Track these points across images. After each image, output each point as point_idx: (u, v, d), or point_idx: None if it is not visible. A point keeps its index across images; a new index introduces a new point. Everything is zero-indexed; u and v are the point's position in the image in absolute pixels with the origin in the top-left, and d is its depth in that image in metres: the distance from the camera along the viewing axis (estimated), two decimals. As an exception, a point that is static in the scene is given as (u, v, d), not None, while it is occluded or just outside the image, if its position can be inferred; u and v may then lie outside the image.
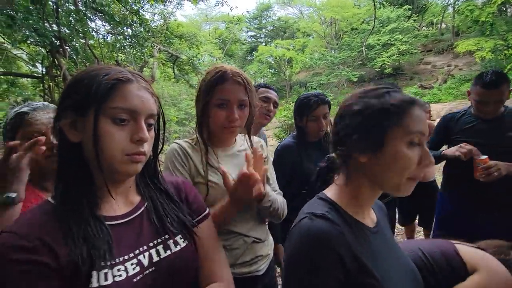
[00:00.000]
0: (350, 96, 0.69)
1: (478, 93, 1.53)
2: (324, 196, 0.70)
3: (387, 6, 20.39)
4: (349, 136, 0.63)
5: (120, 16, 6.22)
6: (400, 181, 0.61)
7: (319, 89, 20.90)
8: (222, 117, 0.93)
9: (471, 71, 16.24)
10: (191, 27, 19.71)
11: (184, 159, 0.95)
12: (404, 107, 0.60)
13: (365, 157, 0.62)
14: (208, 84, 0.92)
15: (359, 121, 0.62)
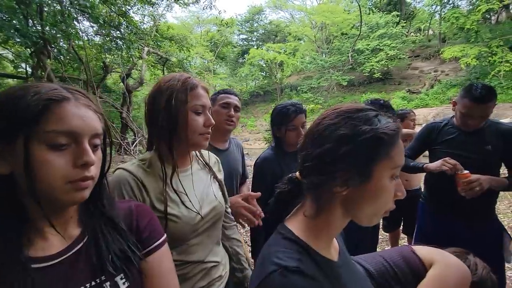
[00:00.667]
0: (331, 112, 0.58)
1: (465, 105, 1.51)
2: (290, 234, 0.59)
3: (376, 12, 20.81)
4: (332, 164, 0.53)
5: (108, 18, 6.12)
6: (377, 215, 0.57)
7: (309, 93, 21.12)
8: (200, 123, 0.87)
9: (457, 77, 16.70)
10: (182, 29, 19.61)
11: (137, 192, 0.80)
12: (394, 138, 0.54)
13: (347, 190, 0.54)
14: (182, 90, 0.84)
15: (347, 149, 0.52)
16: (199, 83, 0.89)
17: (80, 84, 6.94)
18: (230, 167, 1.48)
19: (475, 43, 15.04)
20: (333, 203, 0.57)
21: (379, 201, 0.55)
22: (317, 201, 0.59)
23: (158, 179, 0.84)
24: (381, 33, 18.85)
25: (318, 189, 0.58)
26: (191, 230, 0.85)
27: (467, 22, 15.06)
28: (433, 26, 22.49)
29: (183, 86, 0.84)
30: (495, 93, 1.48)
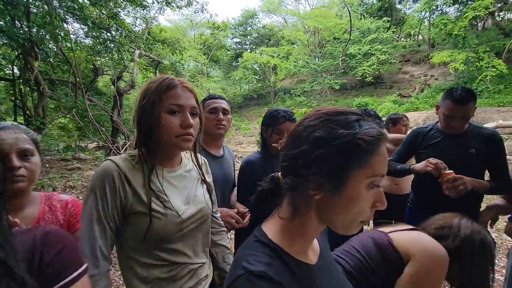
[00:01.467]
0: (313, 114, 0.57)
1: (447, 107, 1.57)
2: (263, 237, 0.58)
3: (368, 17, 21.20)
4: (306, 166, 0.52)
5: (98, 20, 6.04)
6: (352, 224, 0.54)
7: (303, 96, 21.28)
8: (176, 124, 0.84)
9: (446, 81, 17.09)
10: (175, 32, 19.56)
11: (118, 184, 0.80)
12: (374, 144, 0.51)
13: (320, 194, 0.53)
14: (156, 91, 0.83)
15: (321, 152, 0.51)
16: (181, 83, 0.86)
17: (69, 87, 6.81)
18: (226, 174, 1.50)
19: (463, 48, 15.46)
20: (308, 207, 0.56)
21: (353, 210, 0.53)
22: (293, 204, 0.58)
23: (143, 174, 0.84)
24: (372, 38, 19.20)
25: (294, 191, 0.56)
26: (175, 229, 0.84)
27: (455, 28, 15.48)
28: (422, 31, 23.03)
29: (158, 87, 0.83)
30: (474, 95, 1.54)
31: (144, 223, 0.80)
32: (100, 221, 0.78)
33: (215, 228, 1.11)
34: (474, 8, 14.61)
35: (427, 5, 17.34)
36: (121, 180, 0.80)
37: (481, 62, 14.47)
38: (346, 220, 0.54)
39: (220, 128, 1.45)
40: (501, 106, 13.26)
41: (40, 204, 0.97)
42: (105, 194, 0.79)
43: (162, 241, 0.83)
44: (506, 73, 13.91)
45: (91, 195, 0.79)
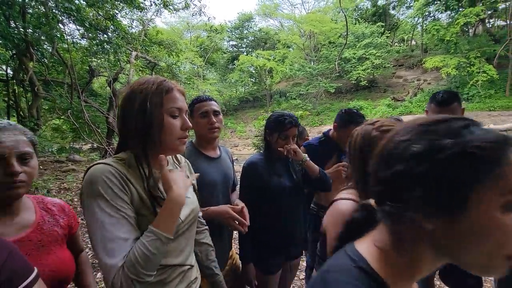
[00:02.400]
0: (404, 127, 0.48)
1: (433, 110, 1.64)
2: (364, 264, 0.47)
3: (362, 22, 21.52)
4: (406, 190, 0.43)
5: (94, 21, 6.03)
6: (493, 262, 0.41)
7: (298, 99, 21.41)
8: (178, 127, 0.84)
9: (438, 86, 17.40)
10: (171, 34, 19.56)
11: (123, 183, 0.74)
12: (499, 152, 0.40)
13: (433, 223, 0.42)
14: (156, 93, 0.81)
15: (424, 170, 0.42)
16: (175, 86, 0.87)
17: (64, 88, 6.76)
18: (225, 174, 1.48)
19: (455, 54, 15.78)
20: (418, 238, 0.45)
21: (487, 241, 0.40)
22: (396, 234, 0.48)
23: (140, 177, 0.80)
24: (367, 43, 19.47)
25: (394, 219, 0.47)
26: (174, 232, 0.82)
27: (447, 34, 15.81)
28: (415, 37, 23.46)
29: (158, 89, 0.82)
30: (457, 97, 1.59)
31: (144, 227, 0.74)
32: (123, 220, 0.71)
33: (198, 227, 1.12)
34: (465, 15, 14.96)
35: (420, 11, 17.68)
36: (123, 179, 0.75)
37: (473, 67, 14.79)
38: (479, 256, 0.42)
39: (214, 131, 1.42)
40: (492, 110, 13.55)
41: (34, 208, 0.92)
42: (114, 192, 0.72)
43: None
44: (496, 79, 14.23)
45: (97, 200, 0.70)
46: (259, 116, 11.21)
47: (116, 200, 0.72)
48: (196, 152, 1.43)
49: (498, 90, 14.85)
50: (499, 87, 14.86)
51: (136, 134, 0.80)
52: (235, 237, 3.65)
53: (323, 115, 19.76)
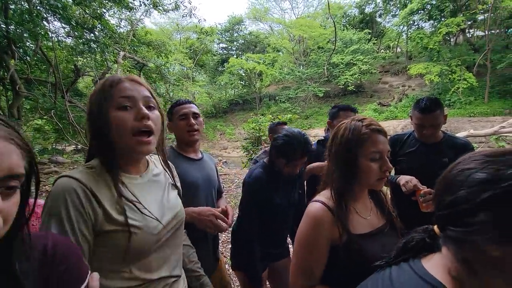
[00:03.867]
0: (468, 157, 0.50)
1: (416, 117, 1.67)
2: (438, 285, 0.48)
3: (350, 29, 22.01)
4: (469, 214, 0.45)
5: (81, 20, 5.89)
6: None
7: (287, 103, 21.57)
8: (129, 118, 0.72)
9: (422, 92, 17.99)
10: (161, 35, 19.34)
11: (85, 203, 0.67)
12: None
13: (499, 250, 0.42)
14: (100, 90, 0.73)
15: (488, 197, 0.43)
16: (127, 77, 0.77)
17: (48, 87, 6.54)
18: (208, 175, 1.46)
19: (437, 61, 16.39)
20: (488, 267, 0.45)
21: None
22: (464, 261, 0.48)
23: (109, 185, 0.72)
24: (354, 49, 19.91)
25: (460, 244, 0.48)
26: (154, 240, 0.76)
27: (430, 42, 16.41)
28: (400, 44, 24.19)
29: (102, 86, 0.75)
30: (440, 104, 1.63)
31: (118, 241, 0.69)
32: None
33: None
34: (447, 25, 15.59)
35: (405, 20, 18.28)
36: (87, 197, 0.68)
37: (454, 75, 15.40)
38: None
39: (193, 134, 1.40)
40: (472, 116, 14.12)
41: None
42: (70, 215, 0.65)
43: (138, 256, 0.73)
44: (476, 86, 14.86)
45: (53, 221, 0.64)
46: (249, 118, 11.20)
47: (70, 224, 0.65)
48: (176, 154, 1.40)
49: (477, 97, 15.51)
50: (479, 94, 15.53)
51: (93, 138, 0.75)
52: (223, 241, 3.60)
53: (311, 118, 20.00)
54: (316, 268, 0.88)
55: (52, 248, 0.51)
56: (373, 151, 0.89)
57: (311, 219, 0.89)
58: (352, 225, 0.89)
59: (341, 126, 0.96)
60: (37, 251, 0.49)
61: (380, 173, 0.90)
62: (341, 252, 0.85)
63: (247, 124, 10.31)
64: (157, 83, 11.48)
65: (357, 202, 0.95)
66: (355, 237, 0.86)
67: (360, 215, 0.94)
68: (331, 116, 1.99)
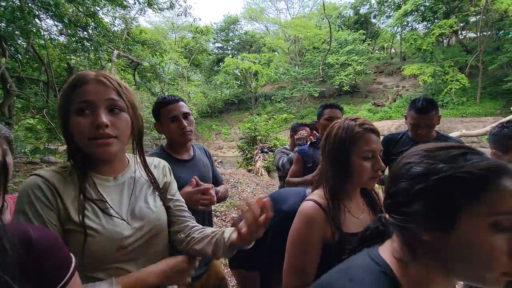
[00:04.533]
0: (411, 152, 0.55)
1: (412, 117, 1.69)
2: (385, 267, 0.52)
3: (345, 29, 22.17)
4: (406, 204, 0.49)
5: (74, 17, 5.81)
6: (486, 275, 0.45)
7: (283, 102, 21.61)
8: (85, 125, 0.69)
9: (415, 92, 18.21)
10: (155, 34, 19.20)
11: (51, 198, 0.67)
12: (487, 178, 0.44)
13: (428, 235, 0.48)
14: (65, 91, 0.71)
15: (419, 188, 0.48)
16: (96, 76, 0.72)
17: (40, 86, 6.44)
18: (201, 173, 1.42)
19: (431, 62, 16.62)
20: (426, 251, 0.50)
21: (478, 258, 0.44)
22: (407, 245, 0.53)
23: (77, 188, 0.71)
24: (349, 49, 20.07)
25: (402, 230, 0.53)
26: (116, 247, 0.71)
27: (423, 44, 16.63)
28: (394, 45, 24.47)
29: (67, 87, 0.71)
30: (435, 104, 1.66)
31: (77, 242, 0.67)
32: None
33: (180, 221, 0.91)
34: (440, 26, 15.82)
35: (399, 21, 18.49)
36: (52, 192, 0.68)
37: (447, 76, 15.64)
38: (472, 269, 0.46)
39: (186, 136, 1.35)
40: (464, 116, 14.36)
41: (10, 208, 0.89)
42: (37, 210, 0.65)
43: (100, 263, 0.70)
44: (468, 87, 15.11)
45: (20, 217, 0.64)
46: (244, 118, 11.20)
47: (37, 218, 0.65)
48: (166, 157, 1.33)
49: (469, 98, 15.77)
50: (471, 95, 15.79)
51: (67, 143, 0.74)
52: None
53: (307, 118, 20.09)
54: (309, 267, 0.88)
55: (37, 240, 0.50)
56: (365, 149, 0.91)
57: (304, 218, 0.90)
58: (344, 224, 0.90)
59: (335, 126, 0.97)
60: (18, 243, 0.48)
61: (372, 172, 0.92)
62: (333, 250, 0.85)
63: (243, 124, 10.30)
64: (152, 82, 11.39)
65: (350, 202, 0.96)
66: (347, 236, 0.87)
67: (353, 214, 0.95)
68: (318, 115, 2.05)
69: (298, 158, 2.07)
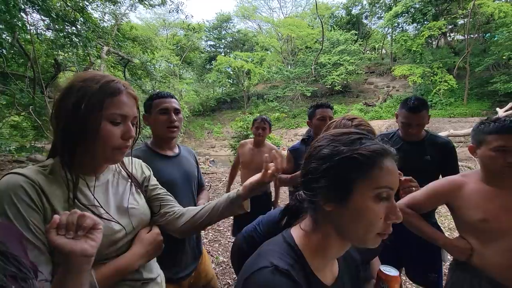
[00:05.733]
0: (322, 136, 0.64)
1: (403, 116, 1.71)
2: (290, 240, 0.62)
3: (337, 29, 22.35)
4: (315, 181, 0.58)
5: (62, 12, 5.64)
6: (367, 236, 0.56)
7: (275, 102, 21.64)
8: (117, 135, 0.72)
9: (406, 93, 18.54)
10: (147, 30, 18.89)
11: (36, 198, 0.64)
12: (374, 159, 0.55)
13: (331, 206, 0.57)
14: (98, 94, 0.70)
15: (325, 167, 0.57)
16: (126, 89, 0.75)
17: (26, 82, 6.24)
18: (186, 172, 1.40)
19: (420, 63, 16.93)
20: (327, 220, 0.60)
21: (363, 221, 0.55)
22: (313, 217, 0.63)
23: (63, 186, 0.69)
24: (341, 49, 20.24)
25: (311, 204, 0.62)
26: (107, 244, 0.72)
27: (413, 45, 16.93)
28: (385, 46, 24.80)
29: (100, 90, 0.70)
30: (426, 104, 1.69)
31: None
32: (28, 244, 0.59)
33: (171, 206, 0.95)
34: (429, 28, 16.13)
35: (389, 22, 18.75)
36: (37, 193, 0.64)
37: (435, 77, 15.97)
38: (358, 231, 0.56)
39: (173, 131, 1.33)
40: (452, 117, 14.70)
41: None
42: (19, 212, 0.61)
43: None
44: (456, 88, 15.47)
45: (1, 218, 0.60)
46: (237, 117, 11.16)
47: (19, 220, 0.61)
48: (151, 153, 1.33)
49: (457, 99, 16.15)
50: (458, 96, 16.18)
51: (65, 138, 0.70)
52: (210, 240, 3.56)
53: (299, 117, 20.19)
54: None
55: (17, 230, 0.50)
56: None
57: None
58: None
59: (331, 125, 1.00)
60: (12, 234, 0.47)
61: None
62: None
63: (235, 122, 10.26)
64: (143, 79, 11.21)
65: None
66: None
67: None
68: (309, 115, 2.07)
69: (289, 155, 2.11)
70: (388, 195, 0.56)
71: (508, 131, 1.07)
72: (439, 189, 1.27)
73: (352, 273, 0.73)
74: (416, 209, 1.32)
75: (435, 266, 1.68)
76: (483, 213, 1.10)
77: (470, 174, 1.25)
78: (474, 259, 1.15)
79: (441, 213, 4.37)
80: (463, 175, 1.28)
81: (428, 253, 1.65)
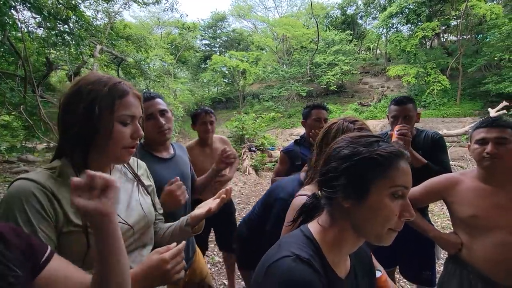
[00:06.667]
0: (341, 139, 0.69)
1: (391, 110, 1.82)
2: (309, 234, 0.67)
3: (332, 29, 22.44)
4: (335, 179, 0.63)
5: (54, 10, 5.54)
6: (381, 232, 0.60)
7: (271, 101, 21.62)
8: (127, 135, 0.75)
9: (400, 93, 18.70)
10: (141, 29, 18.70)
11: (47, 205, 0.65)
12: (391, 159, 0.60)
13: (349, 203, 0.61)
14: (108, 96, 0.72)
15: (346, 166, 0.61)
16: (131, 89, 0.78)
17: (17, 81, 6.12)
18: (182, 172, 1.40)
19: (414, 64, 17.09)
20: (344, 217, 0.64)
21: (379, 218, 0.59)
22: (330, 213, 0.67)
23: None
24: (336, 49, 20.32)
25: (329, 201, 0.66)
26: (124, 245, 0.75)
27: (407, 45, 17.08)
28: (380, 46, 25.00)
29: (110, 92, 0.73)
30: (412, 99, 1.81)
31: (78, 242, 0.67)
32: None
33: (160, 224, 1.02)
34: (423, 29, 16.29)
35: (384, 23, 18.89)
36: (49, 199, 0.65)
37: (429, 77, 16.14)
38: (374, 227, 0.61)
39: (164, 134, 1.31)
40: (445, 117, 14.87)
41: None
42: (29, 220, 0.62)
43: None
44: (449, 88, 15.66)
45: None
46: (232, 117, 11.14)
47: (28, 226, 0.62)
48: (146, 155, 1.30)
49: (450, 99, 16.35)
50: (451, 96, 16.38)
51: (77, 141, 0.72)
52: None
53: (294, 117, 20.22)
54: None
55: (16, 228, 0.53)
56: None
57: (295, 211, 0.93)
58: None
59: (333, 127, 1.00)
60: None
61: None
62: None
63: (230, 122, 10.23)
64: (137, 79, 11.10)
65: None
66: None
67: None
68: (304, 115, 2.10)
69: (283, 157, 2.09)
70: (403, 194, 0.60)
71: (488, 125, 1.20)
72: (435, 185, 1.34)
73: (365, 268, 0.77)
74: (413, 203, 1.35)
75: (428, 264, 1.72)
76: (474, 210, 1.18)
77: (468, 172, 1.32)
78: (463, 253, 1.23)
79: (434, 212, 4.42)
80: (461, 173, 1.35)
81: (422, 251, 1.69)
